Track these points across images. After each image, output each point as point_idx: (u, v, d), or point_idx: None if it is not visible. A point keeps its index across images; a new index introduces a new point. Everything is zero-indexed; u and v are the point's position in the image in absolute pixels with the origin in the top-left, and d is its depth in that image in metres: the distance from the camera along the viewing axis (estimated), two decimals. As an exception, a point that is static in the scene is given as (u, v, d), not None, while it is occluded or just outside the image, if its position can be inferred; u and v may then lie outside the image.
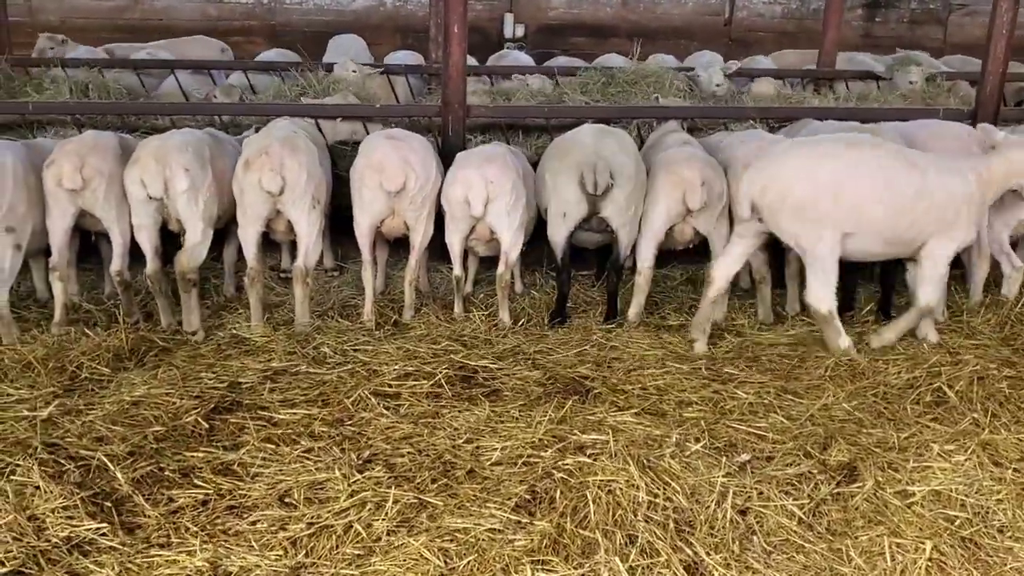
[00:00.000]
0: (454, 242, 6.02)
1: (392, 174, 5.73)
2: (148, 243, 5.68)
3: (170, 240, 5.87)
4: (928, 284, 5.54)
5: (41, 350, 5.33)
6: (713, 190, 5.84)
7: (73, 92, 7.93)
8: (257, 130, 6.35)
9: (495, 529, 3.74)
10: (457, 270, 6.08)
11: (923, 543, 3.73)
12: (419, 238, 6.02)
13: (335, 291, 6.62)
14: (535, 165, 6.36)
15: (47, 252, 5.74)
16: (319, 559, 3.59)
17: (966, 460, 4.33)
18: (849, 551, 3.71)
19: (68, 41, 10.19)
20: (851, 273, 6.20)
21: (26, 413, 4.59)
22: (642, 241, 5.97)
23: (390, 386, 5.03)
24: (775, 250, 6.48)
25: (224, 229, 6.22)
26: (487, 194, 5.77)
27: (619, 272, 6.04)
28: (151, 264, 5.71)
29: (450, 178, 5.93)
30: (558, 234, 5.90)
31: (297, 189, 5.63)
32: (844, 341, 5.44)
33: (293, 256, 5.98)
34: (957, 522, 3.90)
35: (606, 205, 5.75)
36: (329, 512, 3.84)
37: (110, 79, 8.40)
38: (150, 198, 5.54)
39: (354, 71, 8.38)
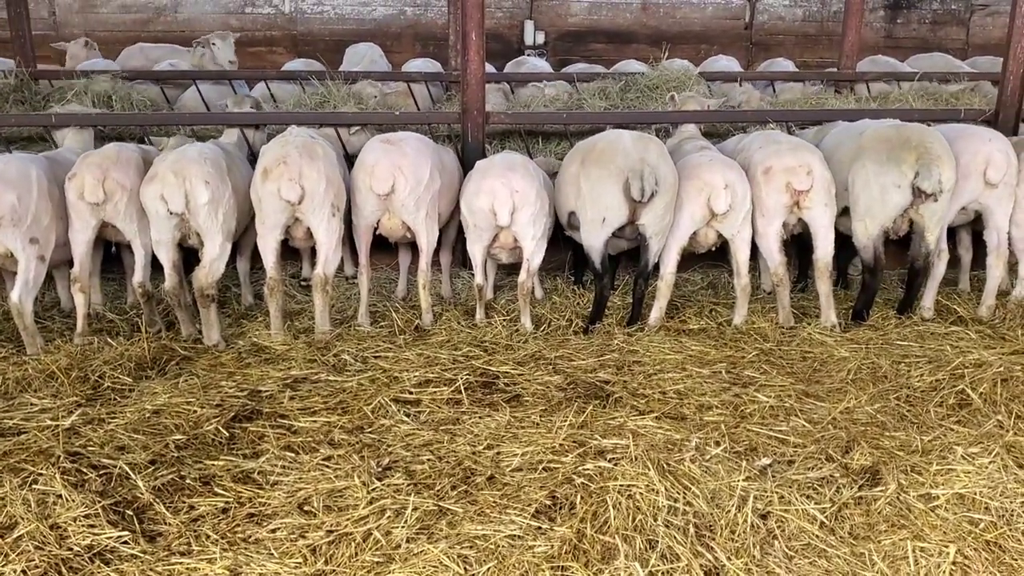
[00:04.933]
0: (476, 251, 6.05)
1: (381, 177, 5.77)
2: (167, 258, 5.71)
3: (190, 251, 5.91)
4: None
5: (64, 360, 5.37)
6: (736, 193, 5.83)
7: (96, 103, 8.01)
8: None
9: (515, 535, 3.73)
10: (479, 278, 6.10)
11: (947, 547, 3.68)
12: (424, 240, 6.03)
13: (356, 298, 6.61)
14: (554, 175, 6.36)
15: (70, 263, 5.78)
16: (338, 567, 3.59)
17: (990, 463, 4.27)
18: (872, 555, 3.66)
19: (94, 45, 10.32)
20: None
21: (49, 422, 4.62)
22: (665, 247, 5.96)
23: (410, 393, 5.04)
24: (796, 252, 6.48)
25: (237, 240, 6.21)
26: (513, 203, 5.79)
27: (647, 279, 6.03)
28: (170, 280, 5.73)
29: (473, 188, 5.93)
30: (596, 239, 5.87)
31: (316, 197, 5.65)
32: None
33: (313, 263, 6.00)
34: (981, 525, 3.84)
35: (646, 212, 5.72)
36: (348, 520, 3.84)
37: (133, 90, 8.49)
38: (171, 213, 5.56)
39: (375, 96, 8.40)
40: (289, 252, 6.59)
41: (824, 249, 6.00)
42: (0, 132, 7.44)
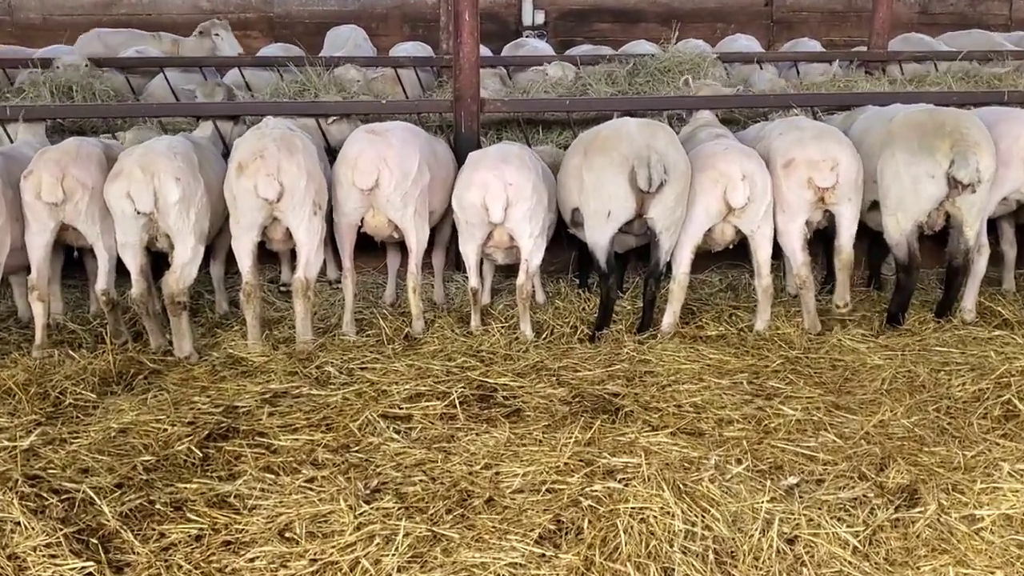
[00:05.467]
0: (469, 251, 6.05)
1: (364, 170, 5.78)
2: (134, 262, 5.70)
3: (159, 255, 5.92)
4: None
5: (22, 375, 5.36)
6: (756, 185, 5.83)
7: (55, 94, 8.02)
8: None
9: (517, 563, 3.72)
10: (473, 281, 6.10)
11: (993, 573, 3.68)
12: (413, 240, 6.03)
13: (340, 305, 6.61)
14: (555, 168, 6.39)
15: (28, 269, 5.78)
16: (323, 599, 3.59)
17: (1040, 480, 4.27)
18: (910, 583, 3.66)
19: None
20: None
21: (6, 443, 4.61)
22: (678, 244, 5.97)
23: (400, 408, 5.04)
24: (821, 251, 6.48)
25: (211, 242, 6.20)
26: (507, 198, 5.79)
27: (658, 280, 6.04)
28: (137, 286, 5.72)
29: (464, 181, 5.96)
30: (601, 236, 5.88)
31: (296, 194, 5.66)
32: None
33: (293, 267, 6.01)
34: (1031, 549, 3.84)
35: (655, 204, 5.73)
36: (334, 547, 3.83)
37: (96, 79, 8.50)
38: (138, 213, 5.55)
39: (359, 80, 8.42)
40: (267, 255, 6.61)
41: (847, 239, 6.05)
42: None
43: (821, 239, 6.62)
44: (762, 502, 4.09)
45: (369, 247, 6.57)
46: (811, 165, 5.88)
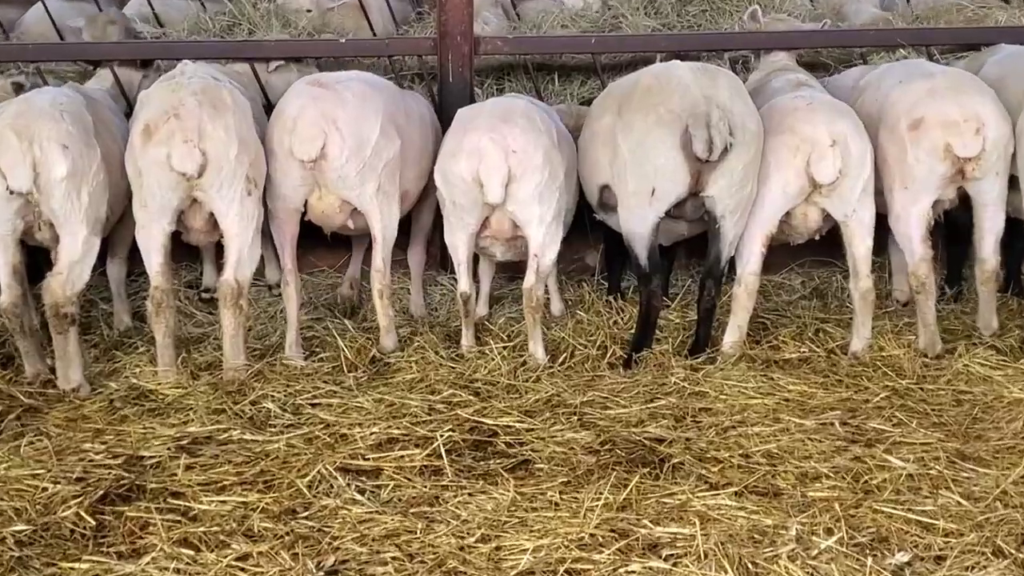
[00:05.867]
0: (459, 244, 6.06)
1: (304, 135, 5.78)
2: (3, 260, 5.69)
3: (38, 250, 5.95)
4: None
5: None
6: (850, 153, 5.82)
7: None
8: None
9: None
10: (464, 285, 6.09)
11: None
12: (378, 226, 6.03)
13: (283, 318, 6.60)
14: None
15: None
16: None
17: None
18: None
19: None
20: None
21: None
22: (745, 235, 5.97)
23: (366, 458, 5.02)
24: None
25: (108, 234, 6.19)
26: (508, 170, 5.77)
27: (719, 283, 6.05)
28: (7, 293, 5.71)
29: (451, 147, 5.96)
30: (641, 223, 5.88)
31: (224, 168, 5.64)
32: None
33: (220, 266, 6.00)
34: None
35: (716, 178, 5.72)
36: (275, 651, 3.83)
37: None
38: (11, 193, 5.54)
39: (309, 11, 8.40)
40: (184, 251, 6.62)
41: (992, 234, 6.05)
42: None
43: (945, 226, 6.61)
44: (861, 588, 4.07)
45: (325, 239, 6.59)
46: (949, 127, 5.86)
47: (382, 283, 6.09)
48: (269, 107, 6.70)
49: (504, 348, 6.13)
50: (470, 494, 4.75)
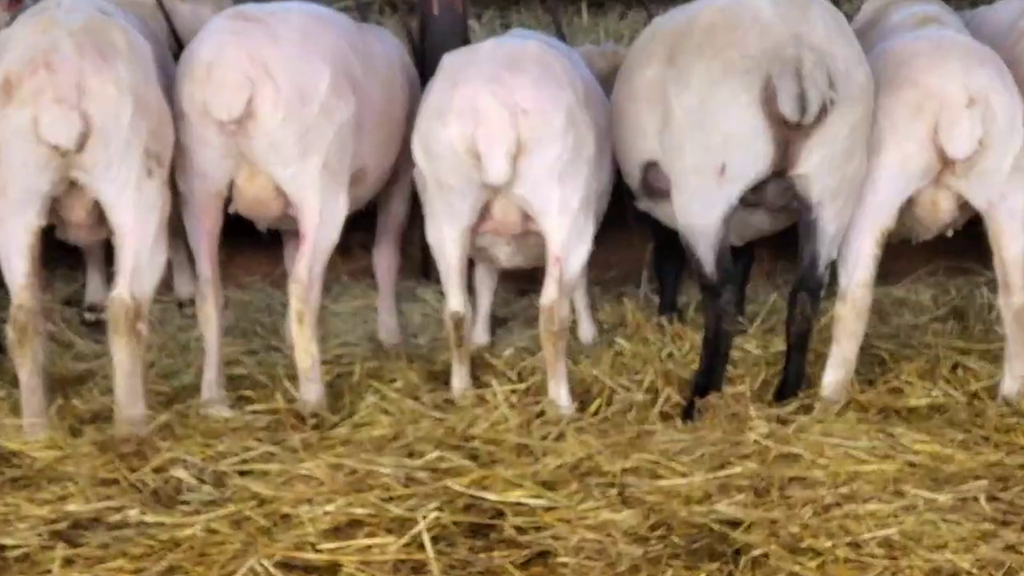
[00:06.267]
0: (447, 242, 6.03)
1: (224, 87, 5.75)
2: None
3: None
4: None
5: None
6: (996, 116, 5.77)
7: None
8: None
9: None
10: (455, 302, 6.07)
11: None
12: (314, 219, 5.97)
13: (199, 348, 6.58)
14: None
15: None
16: None
17: None
18: None
19: None
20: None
21: None
22: (850, 230, 5.93)
23: (317, 549, 4.92)
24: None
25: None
26: (515, 137, 5.72)
27: (816, 296, 6.00)
28: None
29: (436, 106, 5.94)
30: (705, 213, 5.86)
31: (114, 138, 5.60)
32: None
33: (109, 278, 5.95)
34: None
35: (810, 149, 5.69)
36: None
37: None
38: None
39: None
40: (61, 255, 6.65)
41: None
42: None
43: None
44: None
45: (259, 237, 6.57)
46: None
47: (302, 300, 5.98)
48: (180, 48, 6.65)
49: (512, 392, 6.10)
50: (465, 603, 4.67)
